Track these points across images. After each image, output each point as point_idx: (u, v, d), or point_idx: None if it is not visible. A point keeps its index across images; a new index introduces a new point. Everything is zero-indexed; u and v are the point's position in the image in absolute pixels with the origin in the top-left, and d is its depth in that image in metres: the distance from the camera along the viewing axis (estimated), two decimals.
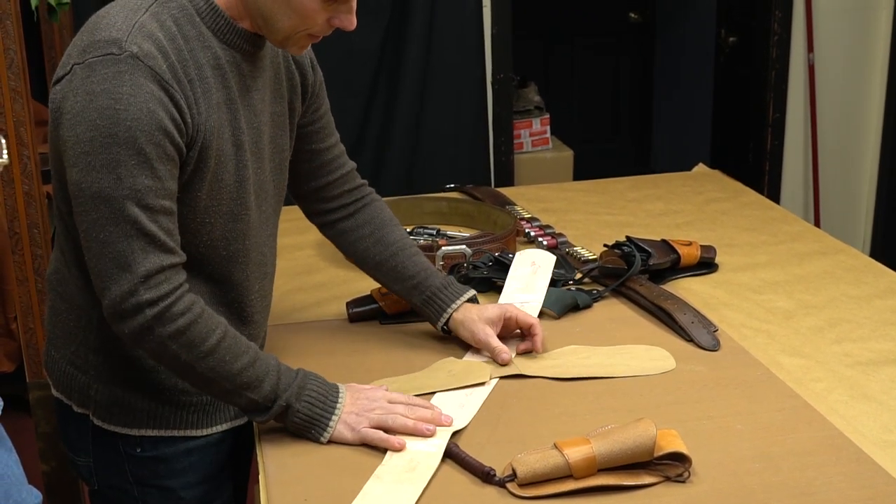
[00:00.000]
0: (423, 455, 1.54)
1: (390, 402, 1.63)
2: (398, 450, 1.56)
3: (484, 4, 3.73)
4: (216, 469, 1.77)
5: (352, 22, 1.61)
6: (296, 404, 1.59)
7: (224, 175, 1.60)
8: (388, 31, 3.64)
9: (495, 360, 1.83)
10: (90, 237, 1.49)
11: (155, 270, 1.49)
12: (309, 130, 1.86)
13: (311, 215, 2.00)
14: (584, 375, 1.80)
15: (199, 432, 1.72)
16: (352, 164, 1.97)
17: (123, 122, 1.44)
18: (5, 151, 1.03)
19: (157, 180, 1.48)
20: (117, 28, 1.48)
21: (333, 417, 1.60)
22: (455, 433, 1.60)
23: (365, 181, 2.00)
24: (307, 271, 2.33)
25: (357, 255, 1.96)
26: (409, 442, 1.57)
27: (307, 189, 1.94)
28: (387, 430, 1.59)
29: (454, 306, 1.88)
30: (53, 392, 1.76)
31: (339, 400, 1.62)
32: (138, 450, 1.69)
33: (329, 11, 1.57)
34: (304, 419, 1.59)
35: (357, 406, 1.62)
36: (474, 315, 1.87)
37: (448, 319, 1.89)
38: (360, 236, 1.94)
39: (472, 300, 1.90)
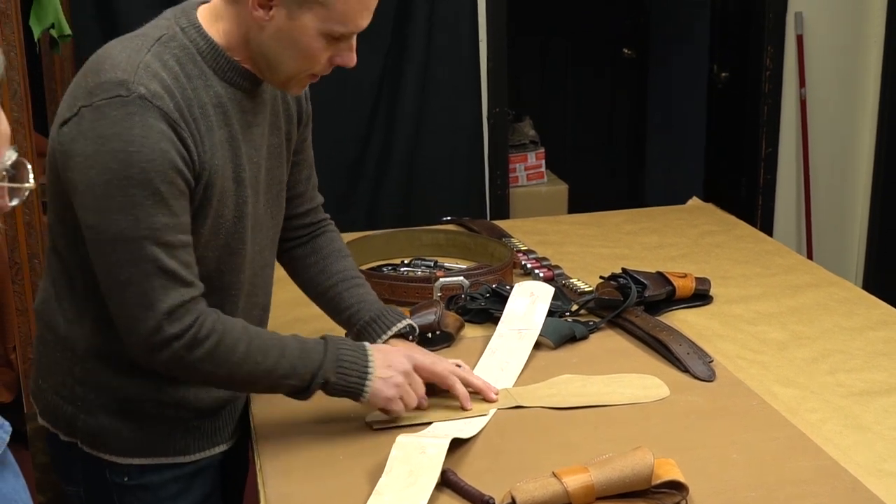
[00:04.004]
0: (424, 469, 1.55)
1: (415, 367, 1.73)
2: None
3: (480, 39, 3.77)
4: (205, 496, 1.78)
5: (352, 59, 1.64)
6: (332, 377, 1.66)
7: (224, 211, 1.63)
8: (386, 64, 3.67)
9: None
10: (111, 278, 1.52)
11: (177, 306, 1.53)
12: (291, 161, 1.88)
13: None
14: (581, 404, 1.82)
15: (186, 459, 1.73)
16: (320, 199, 1.99)
17: (137, 164, 1.47)
18: (31, 175, 1.05)
19: (173, 217, 1.51)
20: (122, 69, 1.50)
21: (367, 384, 1.67)
22: (454, 462, 1.61)
23: (327, 216, 2.01)
24: (304, 302, 2.34)
25: (303, 283, 1.98)
26: (411, 442, 1.60)
27: None
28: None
29: (378, 343, 1.84)
30: (40, 420, 1.78)
31: (370, 365, 1.68)
32: (126, 478, 1.71)
33: (332, 50, 1.60)
34: (342, 389, 1.67)
35: (383, 370, 1.69)
36: None
37: None
38: (306, 264, 1.97)
39: (402, 334, 1.87)
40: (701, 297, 2.31)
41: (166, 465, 1.72)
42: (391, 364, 1.70)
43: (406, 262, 2.48)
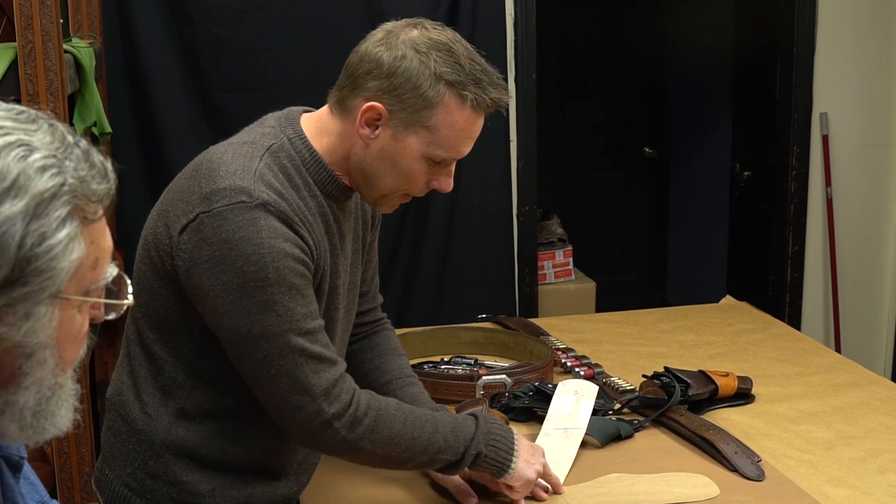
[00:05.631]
0: None
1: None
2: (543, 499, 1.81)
3: (511, 139, 3.82)
4: None
5: (449, 185, 1.69)
6: (484, 450, 1.71)
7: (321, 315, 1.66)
8: None
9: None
10: (260, 375, 1.56)
11: (331, 385, 1.57)
12: None
13: None
14: None
15: None
16: (380, 299, 2.04)
17: (271, 265, 1.51)
18: (130, 291, 1.08)
19: (308, 305, 1.57)
20: (239, 176, 1.54)
21: (514, 460, 1.74)
22: None
23: (384, 315, 2.06)
24: None
25: (358, 377, 2.00)
26: None
27: None
28: None
29: None
30: None
31: (516, 444, 1.76)
32: None
33: (431, 174, 1.65)
34: (491, 462, 1.73)
35: (527, 453, 1.78)
36: None
37: None
38: (363, 359, 2.00)
39: None
40: (743, 395, 2.31)
41: None
42: (535, 451, 1.80)
43: (446, 359, 2.48)
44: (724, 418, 2.20)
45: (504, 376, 2.25)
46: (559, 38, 5.50)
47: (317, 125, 1.67)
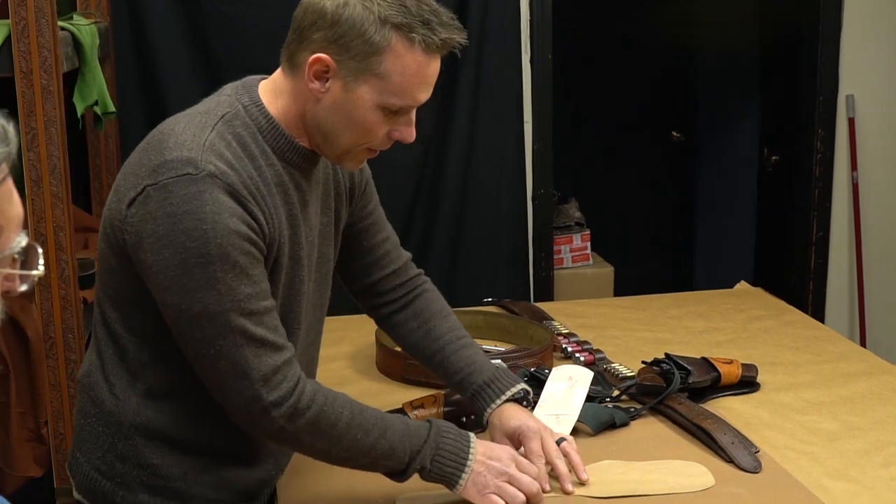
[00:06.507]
0: None
1: (516, 466, 1.68)
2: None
3: (525, 121, 3.75)
4: None
5: (411, 134, 1.63)
6: (429, 465, 1.63)
7: (280, 288, 1.62)
8: (429, 145, 3.66)
9: None
10: (200, 354, 1.52)
11: (271, 371, 1.52)
12: (359, 228, 1.88)
13: (367, 310, 2.00)
14: (621, 494, 1.74)
15: None
16: (406, 256, 1.98)
17: (214, 241, 1.46)
18: (41, 261, 1.02)
19: (254, 285, 1.51)
20: (188, 147, 1.49)
21: (463, 476, 1.65)
22: None
23: (420, 270, 2.00)
24: (340, 382, 2.29)
25: (409, 348, 1.97)
26: None
27: (362, 286, 1.95)
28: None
29: (492, 407, 1.85)
30: (75, 494, 1.74)
31: (470, 457, 1.65)
32: None
33: (389, 124, 1.59)
34: (437, 477, 1.65)
35: (486, 466, 1.66)
36: (497, 424, 1.84)
37: (487, 422, 1.86)
38: (409, 329, 1.94)
39: (516, 398, 1.86)
40: (747, 384, 2.23)
41: None
42: (491, 457, 1.67)
43: None
44: (727, 407, 2.12)
45: (499, 361, 2.18)
46: (584, 19, 5.41)
47: (272, 89, 1.62)
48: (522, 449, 1.79)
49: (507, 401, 1.85)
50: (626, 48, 5.59)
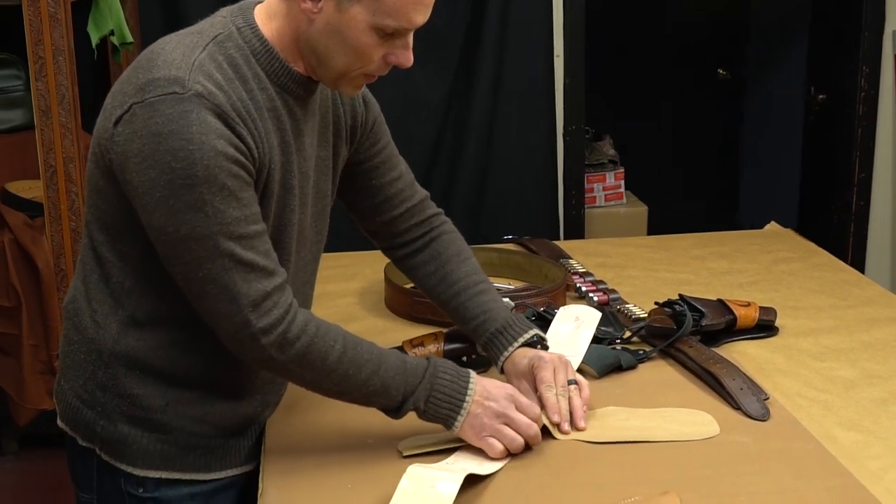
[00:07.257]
0: (437, 495, 1.46)
1: (515, 407, 1.63)
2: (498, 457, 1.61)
3: (556, 55, 3.66)
4: None
5: (408, 58, 1.56)
6: (423, 406, 1.60)
7: (270, 215, 1.57)
8: (456, 81, 3.58)
9: None
10: (188, 278, 1.49)
11: (261, 297, 1.49)
12: (368, 166, 1.83)
13: (385, 250, 1.97)
14: (620, 440, 1.69)
15: (203, 476, 1.66)
16: (422, 194, 1.92)
17: (200, 162, 1.42)
18: None
19: (243, 208, 1.47)
20: (177, 66, 1.45)
21: (459, 418, 1.61)
22: (467, 500, 1.50)
23: (439, 210, 1.95)
24: (346, 319, 2.25)
25: (427, 292, 1.93)
26: (423, 474, 1.52)
27: (375, 225, 1.90)
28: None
29: (505, 355, 1.80)
30: (59, 423, 1.72)
31: (467, 398, 1.61)
32: (140, 490, 1.64)
33: (385, 47, 1.53)
34: (433, 418, 1.62)
35: (483, 407, 1.61)
36: (511, 369, 1.80)
37: (502, 369, 1.82)
38: (426, 273, 1.90)
39: (530, 343, 1.80)
40: (765, 328, 2.15)
41: (184, 480, 1.65)
42: (489, 398, 1.63)
43: None
44: (741, 352, 2.05)
45: (507, 300, 2.12)
46: None
47: (266, 11, 1.56)
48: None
49: (521, 346, 1.80)
50: None
